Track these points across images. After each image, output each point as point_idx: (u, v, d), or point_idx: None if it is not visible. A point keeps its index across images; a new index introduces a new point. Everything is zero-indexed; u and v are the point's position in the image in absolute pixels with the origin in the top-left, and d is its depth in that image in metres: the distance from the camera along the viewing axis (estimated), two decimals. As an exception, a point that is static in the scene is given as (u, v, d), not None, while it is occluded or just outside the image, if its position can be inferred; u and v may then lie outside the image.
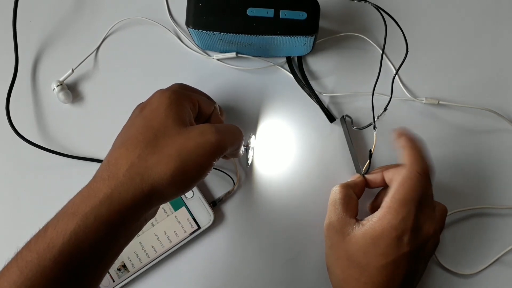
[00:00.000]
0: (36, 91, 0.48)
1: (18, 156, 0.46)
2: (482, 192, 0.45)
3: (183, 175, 0.32)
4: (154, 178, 0.31)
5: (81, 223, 0.30)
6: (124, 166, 0.31)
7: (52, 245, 0.29)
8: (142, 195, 0.31)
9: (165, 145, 0.32)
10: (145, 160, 0.31)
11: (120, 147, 0.33)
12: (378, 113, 0.41)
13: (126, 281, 0.43)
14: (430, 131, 0.45)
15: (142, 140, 0.32)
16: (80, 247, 0.30)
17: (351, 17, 0.47)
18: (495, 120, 0.45)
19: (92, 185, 0.32)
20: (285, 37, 0.41)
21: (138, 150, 0.32)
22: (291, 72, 0.46)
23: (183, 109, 0.35)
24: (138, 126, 0.34)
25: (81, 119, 0.47)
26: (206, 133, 0.33)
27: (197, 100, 0.38)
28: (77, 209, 0.30)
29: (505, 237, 0.44)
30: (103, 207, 0.30)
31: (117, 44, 0.48)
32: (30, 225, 0.32)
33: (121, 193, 0.31)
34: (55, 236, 0.29)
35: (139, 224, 0.34)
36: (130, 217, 0.31)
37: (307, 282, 0.44)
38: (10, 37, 0.46)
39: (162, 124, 0.33)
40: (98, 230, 0.30)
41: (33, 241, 0.31)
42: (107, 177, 0.31)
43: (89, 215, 0.30)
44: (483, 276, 0.44)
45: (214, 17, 0.40)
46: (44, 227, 0.31)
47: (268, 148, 0.46)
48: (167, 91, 0.36)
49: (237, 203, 0.45)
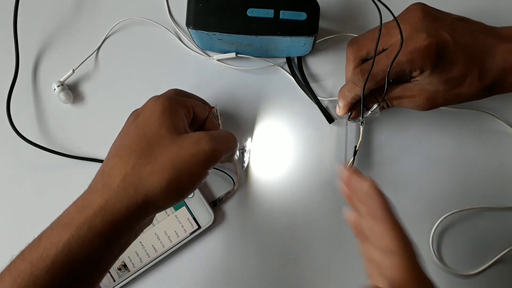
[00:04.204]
0: (36, 91, 0.48)
1: (19, 156, 0.46)
2: (482, 192, 0.45)
3: (177, 185, 0.32)
4: (148, 188, 0.31)
5: (74, 233, 0.30)
6: (118, 177, 0.31)
7: (45, 255, 0.29)
8: (136, 206, 0.31)
9: (159, 154, 0.32)
10: (139, 171, 0.31)
11: (114, 157, 0.33)
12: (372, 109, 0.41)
13: (127, 281, 0.43)
14: (430, 132, 0.45)
15: (136, 149, 0.32)
16: (74, 257, 0.30)
17: (350, 17, 0.48)
18: (493, 123, 0.45)
19: (87, 196, 0.32)
20: (285, 38, 0.41)
21: (132, 160, 0.32)
22: (290, 73, 0.46)
23: (177, 116, 0.35)
24: (132, 135, 0.34)
25: (82, 119, 0.47)
26: (200, 141, 0.33)
27: (192, 105, 0.37)
28: (71, 219, 0.31)
29: (505, 237, 0.44)
30: (97, 218, 0.30)
31: (118, 44, 0.48)
32: (31, 225, 0.32)
33: (115, 204, 0.31)
34: (49, 246, 0.30)
35: (134, 233, 0.34)
36: (124, 227, 0.32)
37: (307, 282, 0.44)
38: (11, 37, 0.46)
39: (156, 133, 0.33)
40: (91, 241, 0.30)
41: (27, 250, 0.31)
42: (101, 187, 0.31)
43: (83, 226, 0.30)
44: (483, 276, 0.44)
45: (214, 18, 0.41)
46: (39, 236, 0.31)
47: (267, 148, 0.46)
48: (161, 98, 0.36)
49: (237, 203, 0.45)
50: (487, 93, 0.39)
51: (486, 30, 0.39)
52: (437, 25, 0.37)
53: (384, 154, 0.45)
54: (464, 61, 0.37)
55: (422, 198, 0.45)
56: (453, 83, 0.38)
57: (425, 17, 0.38)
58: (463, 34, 0.38)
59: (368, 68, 0.38)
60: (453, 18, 0.39)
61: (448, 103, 0.40)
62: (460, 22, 0.39)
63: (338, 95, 0.42)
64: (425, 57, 0.36)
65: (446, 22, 0.38)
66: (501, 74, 0.38)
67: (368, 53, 0.40)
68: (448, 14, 0.39)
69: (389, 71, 0.36)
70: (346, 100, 0.41)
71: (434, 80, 0.38)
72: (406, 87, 0.40)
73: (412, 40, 0.37)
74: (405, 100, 0.41)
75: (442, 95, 0.39)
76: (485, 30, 0.39)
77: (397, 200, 0.44)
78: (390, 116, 0.45)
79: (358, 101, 0.41)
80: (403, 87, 0.41)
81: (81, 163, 0.46)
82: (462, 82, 0.38)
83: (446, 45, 0.37)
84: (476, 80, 0.38)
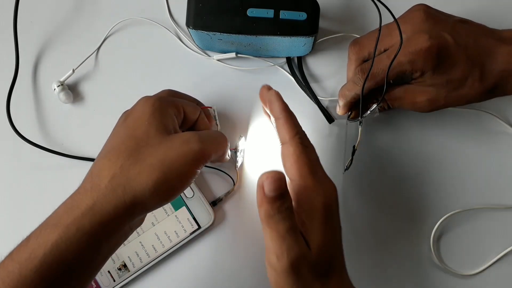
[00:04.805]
0: (36, 91, 0.48)
1: (19, 156, 0.46)
2: (482, 192, 0.45)
3: (166, 185, 0.32)
4: (136, 189, 0.31)
5: (63, 234, 0.30)
6: (106, 178, 0.31)
7: (33, 256, 0.29)
8: (124, 206, 0.31)
9: (147, 155, 0.32)
10: (127, 171, 0.31)
11: (103, 158, 0.33)
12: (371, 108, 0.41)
13: (127, 281, 0.43)
14: (430, 132, 0.45)
15: (125, 150, 0.32)
16: (62, 258, 0.30)
17: (350, 17, 0.48)
18: (494, 123, 0.45)
19: (76, 196, 0.32)
20: (285, 38, 0.41)
21: (121, 160, 0.32)
22: (290, 73, 0.46)
23: (166, 116, 0.35)
24: (121, 136, 0.34)
25: (82, 119, 0.47)
26: (189, 141, 0.33)
27: (182, 105, 0.37)
28: (59, 220, 0.31)
29: (505, 237, 0.44)
30: (85, 219, 0.30)
31: (118, 44, 0.48)
32: (30, 225, 0.32)
33: (103, 204, 0.31)
34: (37, 247, 0.30)
35: (124, 234, 0.34)
36: (113, 228, 0.31)
37: (307, 282, 0.44)
38: (11, 37, 0.47)
39: (145, 133, 0.33)
40: (80, 242, 0.30)
41: (15, 251, 0.31)
42: (89, 188, 0.31)
43: (71, 226, 0.30)
44: (483, 276, 0.44)
45: (214, 18, 0.41)
46: (27, 237, 0.31)
47: (268, 149, 0.46)
48: (151, 99, 0.36)
49: (237, 202, 0.45)
50: (489, 95, 0.39)
51: (488, 32, 0.39)
52: (439, 27, 0.37)
53: (385, 154, 0.45)
54: (465, 63, 0.37)
55: (422, 198, 0.45)
56: (454, 85, 0.38)
57: (427, 18, 0.38)
58: (465, 36, 0.38)
59: (368, 67, 0.38)
60: (455, 20, 0.39)
61: (449, 105, 0.40)
62: (462, 24, 0.39)
63: (339, 94, 0.42)
64: (427, 58, 0.36)
65: (448, 24, 0.38)
66: (502, 77, 0.38)
67: (370, 54, 0.40)
68: (450, 16, 0.39)
69: (388, 71, 0.37)
70: (346, 99, 0.41)
71: (435, 81, 0.38)
72: (407, 88, 0.40)
73: (414, 41, 0.37)
74: (406, 101, 0.41)
75: (443, 97, 0.39)
76: (487, 33, 0.39)
77: (397, 200, 0.45)
78: (390, 116, 0.46)
79: (358, 101, 0.41)
80: (404, 88, 0.41)
81: (81, 163, 0.46)
82: (463, 84, 0.38)
83: (447, 47, 0.37)
84: (477, 82, 0.38)
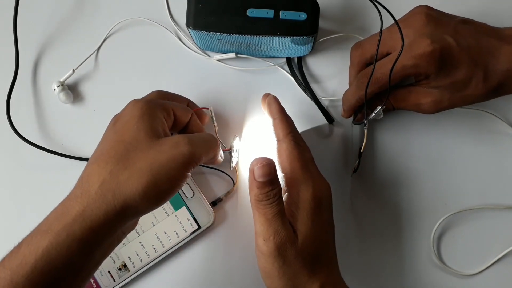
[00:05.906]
0: (36, 91, 0.48)
1: (18, 156, 0.46)
2: (482, 192, 0.45)
3: (155, 189, 0.32)
4: (126, 193, 0.31)
5: (53, 240, 0.30)
6: (96, 183, 0.31)
7: (24, 262, 0.29)
8: (114, 212, 0.31)
9: (137, 159, 0.32)
10: (117, 176, 0.31)
11: (93, 163, 0.33)
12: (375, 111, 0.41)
13: (127, 281, 0.43)
14: (431, 132, 0.45)
15: (114, 155, 0.32)
16: (53, 264, 0.30)
17: (350, 17, 0.48)
18: (494, 122, 0.45)
19: (66, 203, 0.32)
20: (285, 38, 0.41)
21: (110, 166, 0.32)
22: (290, 73, 0.46)
23: (155, 120, 0.35)
24: (110, 141, 0.34)
25: (82, 119, 0.47)
26: (178, 145, 0.33)
27: (172, 108, 0.37)
28: (50, 226, 0.31)
29: (505, 237, 0.44)
30: (76, 225, 0.30)
31: (118, 44, 0.48)
32: (30, 225, 0.32)
33: (93, 210, 0.31)
34: (28, 253, 0.30)
35: (116, 238, 0.34)
36: (104, 233, 0.31)
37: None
38: (10, 37, 0.46)
39: (133, 138, 0.33)
40: (70, 248, 0.30)
41: (7, 257, 0.31)
42: (80, 194, 0.31)
43: (62, 232, 0.30)
44: (483, 276, 0.44)
45: (214, 18, 0.41)
46: (19, 244, 0.31)
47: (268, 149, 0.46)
48: (139, 102, 0.35)
49: (237, 202, 0.45)
50: (492, 95, 0.39)
51: (490, 31, 0.39)
52: (440, 30, 0.37)
53: (386, 155, 0.45)
54: (468, 64, 0.37)
55: (422, 198, 0.45)
56: (458, 86, 0.38)
57: (429, 21, 0.38)
58: (467, 37, 0.38)
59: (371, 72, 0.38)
60: (457, 20, 0.39)
61: (454, 106, 0.40)
62: (464, 25, 0.39)
63: (342, 99, 0.43)
64: (430, 62, 0.37)
65: (449, 25, 0.38)
66: (506, 76, 0.38)
67: (372, 57, 0.40)
68: (451, 16, 0.39)
69: (391, 75, 0.37)
70: (349, 103, 0.42)
71: (439, 83, 0.38)
72: (412, 90, 0.41)
73: (416, 46, 0.37)
74: (411, 103, 0.41)
75: (448, 98, 0.39)
76: (489, 32, 0.39)
77: (398, 200, 0.45)
78: (391, 117, 0.45)
79: (362, 104, 0.41)
80: (408, 90, 0.41)
81: (81, 164, 0.46)
82: (467, 85, 0.38)
83: (450, 50, 0.37)
84: (481, 82, 0.38)
